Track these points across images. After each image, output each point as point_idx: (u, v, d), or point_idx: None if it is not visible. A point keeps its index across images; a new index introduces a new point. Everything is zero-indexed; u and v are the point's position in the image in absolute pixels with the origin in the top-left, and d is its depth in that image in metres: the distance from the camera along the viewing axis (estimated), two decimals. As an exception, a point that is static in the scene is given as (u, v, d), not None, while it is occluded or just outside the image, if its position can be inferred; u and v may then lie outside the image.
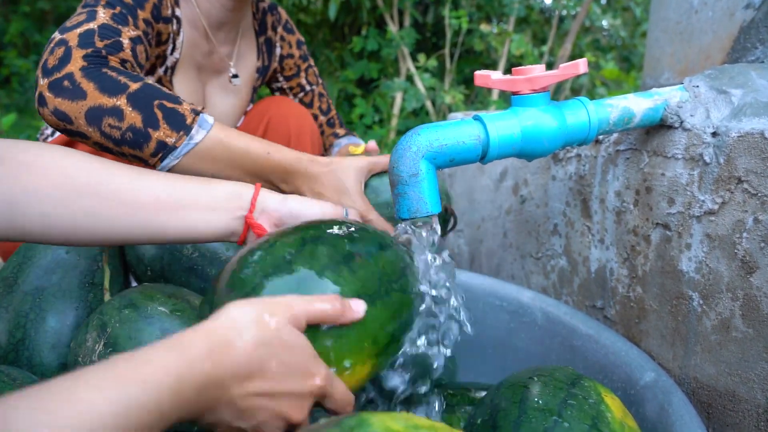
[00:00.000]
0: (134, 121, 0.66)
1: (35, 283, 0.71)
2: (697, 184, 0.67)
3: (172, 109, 0.67)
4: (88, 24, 0.73)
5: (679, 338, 0.71)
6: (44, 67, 0.69)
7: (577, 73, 0.62)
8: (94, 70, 0.68)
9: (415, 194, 0.61)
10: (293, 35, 1.20)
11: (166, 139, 0.67)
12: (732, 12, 0.85)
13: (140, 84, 0.68)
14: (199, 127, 0.68)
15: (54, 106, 0.66)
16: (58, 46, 0.70)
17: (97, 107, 0.66)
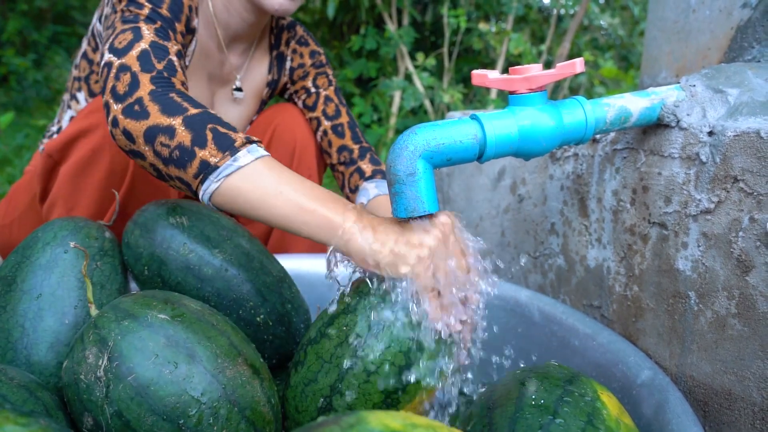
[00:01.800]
0: (184, 139, 0.65)
1: (33, 282, 0.71)
2: (693, 183, 0.67)
3: (224, 133, 0.66)
4: (139, 44, 0.74)
5: (675, 337, 0.71)
6: (114, 93, 0.70)
7: (574, 73, 0.62)
8: (161, 94, 0.69)
9: (412, 193, 0.61)
10: (307, 47, 1.16)
11: (210, 158, 0.64)
12: (729, 11, 0.85)
13: (200, 110, 0.68)
14: (248, 152, 0.65)
15: (123, 126, 0.68)
16: (122, 71, 0.71)
17: (154, 126, 0.66)
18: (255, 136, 1.14)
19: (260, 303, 0.79)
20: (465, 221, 0.71)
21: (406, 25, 3.02)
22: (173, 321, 0.58)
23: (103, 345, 0.56)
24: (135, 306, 0.60)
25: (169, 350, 0.56)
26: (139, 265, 0.78)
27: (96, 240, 0.78)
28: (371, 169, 1.07)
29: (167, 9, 0.81)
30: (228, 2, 0.97)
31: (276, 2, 0.93)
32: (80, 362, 0.57)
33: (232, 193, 0.64)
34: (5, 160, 3.03)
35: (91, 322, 0.59)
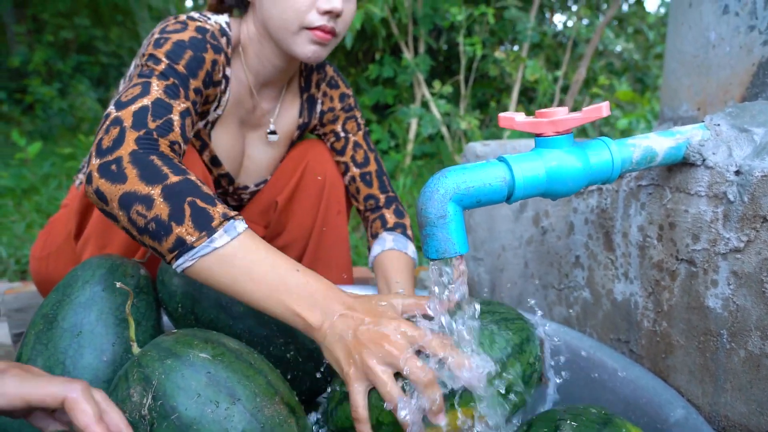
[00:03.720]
0: (161, 212, 0.65)
1: (73, 320, 0.73)
2: (721, 221, 0.67)
3: (202, 208, 0.65)
4: (143, 100, 0.75)
5: (708, 375, 0.71)
6: (98, 147, 0.70)
7: (600, 117, 0.63)
8: (143, 156, 0.68)
9: (443, 235, 0.62)
10: (337, 90, 1.16)
11: (186, 236, 0.64)
12: (750, 48, 0.86)
13: (180, 178, 0.67)
14: (225, 231, 0.65)
15: (97, 186, 0.68)
16: (113, 125, 0.72)
17: (131, 193, 0.66)
18: (286, 173, 1.17)
19: (290, 340, 0.80)
20: (487, 250, 0.73)
21: (422, 53, 3.07)
22: (214, 360, 0.60)
23: (148, 384, 0.58)
24: (177, 345, 0.61)
25: (210, 389, 0.57)
26: (173, 302, 0.80)
27: (132, 278, 0.80)
28: (393, 221, 1.09)
29: (184, 66, 0.83)
30: (259, 50, 0.99)
31: (309, 50, 0.93)
32: (125, 400, 0.58)
33: (205, 273, 0.65)
34: (33, 188, 3.11)
35: (135, 361, 0.61)
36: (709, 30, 0.95)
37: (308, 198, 1.13)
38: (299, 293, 0.64)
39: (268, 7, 0.92)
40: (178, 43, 0.84)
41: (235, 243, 0.65)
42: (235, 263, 0.64)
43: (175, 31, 0.86)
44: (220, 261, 0.65)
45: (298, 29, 0.91)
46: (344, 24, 0.95)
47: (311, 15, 0.90)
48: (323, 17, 0.90)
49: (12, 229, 2.48)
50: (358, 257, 2.22)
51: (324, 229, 1.15)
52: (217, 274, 0.65)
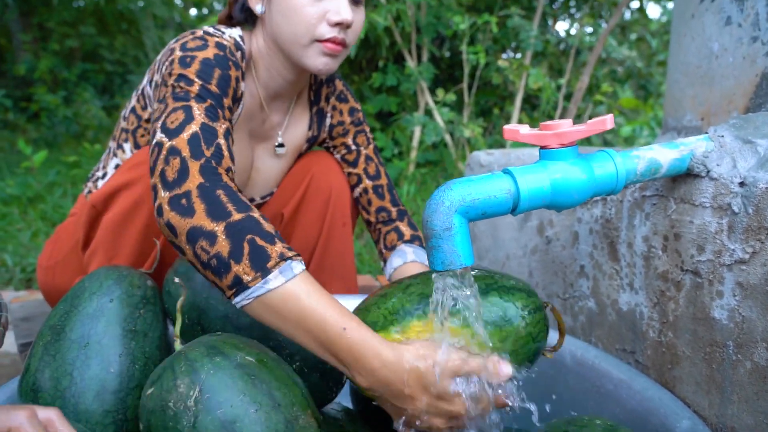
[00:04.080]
0: (222, 249, 0.66)
1: (81, 331, 0.74)
2: (726, 233, 0.67)
3: (260, 247, 0.66)
4: (190, 126, 0.76)
5: (714, 386, 0.71)
6: (163, 178, 0.71)
7: (605, 129, 0.64)
8: (209, 191, 0.70)
9: (449, 247, 0.63)
10: (346, 104, 1.17)
11: (243, 276, 0.65)
12: (753, 59, 0.86)
13: (243, 215, 0.68)
14: (280, 273, 0.65)
15: (168, 219, 0.69)
16: (172, 155, 0.73)
17: (198, 227, 0.67)
18: (291, 186, 1.17)
19: (296, 350, 0.80)
20: (491, 259, 0.74)
21: (425, 62, 3.08)
22: (258, 364, 0.62)
23: (196, 377, 0.59)
24: (225, 345, 0.64)
25: (255, 391, 0.59)
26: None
27: (139, 288, 0.81)
28: (410, 234, 1.09)
29: (216, 85, 0.83)
30: (269, 63, 0.99)
31: (320, 62, 0.93)
32: (170, 390, 0.59)
33: (261, 313, 0.67)
34: (38, 197, 3.13)
35: (182, 354, 0.63)
36: (711, 41, 0.95)
37: (313, 210, 1.13)
38: (345, 355, 0.64)
39: (278, 20, 0.93)
40: (205, 61, 0.84)
41: (288, 286, 0.65)
42: (287, 308, 0.65)
43: (198, 48, 0.86)
44: (273, 303, 0.65)
45: (309, 42, 0.92)
46: (354, 35, 0.96)
47: (322, 27, 0.91)
48: (334, 29, 0.91)
49: (18, 237, 2.49)
50: (361, 265, 2.22)
51: (329, 240, 1.15)
52: (272, 316, 0.66)
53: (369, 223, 1.16)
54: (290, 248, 0.69)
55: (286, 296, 0.65)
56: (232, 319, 0.79)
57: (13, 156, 4.59)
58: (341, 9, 0.90)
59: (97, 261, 0.96)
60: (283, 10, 0.91)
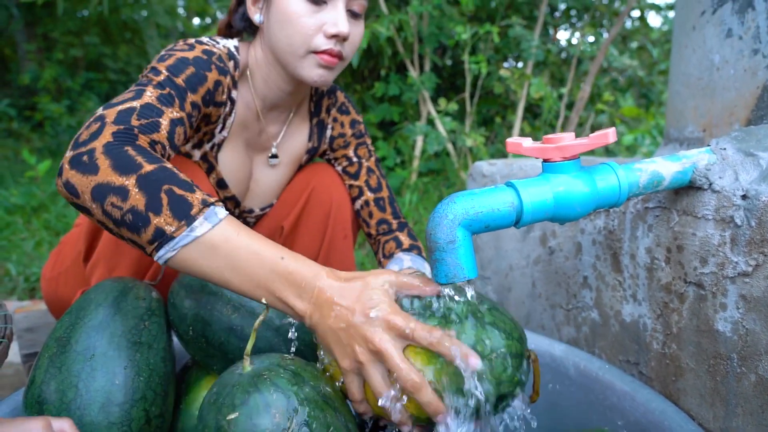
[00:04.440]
0: (137, 203, 0.62)
1: (86, 343, 0.74)
2: (729, 245, 0.68)
3: (180, 196, 0.63)
4: (132, 102, 0.74)
5: (719, 399, 0.71)
6: (75, 141, 0.69)
7: (607, 143, 0.64)
8: (117, 147, 0.66)
9: (453, 260, 0.63)
10: (347, 116, 1.17)
11: (165, 227, 0.62)
12: (754, 71, 0.87)
13: (155, 166, 0.65)
14: (205, 219, 0.63)
15: (67, 178, 0.65)
16: (95, 121, 0.71)
17: (104, 184, 0.63)
18: (292, 198, 1.16)
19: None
20: (494, 269, 0.73)
21: (427, 71, 3.10)
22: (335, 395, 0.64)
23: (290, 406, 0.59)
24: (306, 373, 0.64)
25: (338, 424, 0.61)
26: (184, 325, 0.81)
27: (144, 300, 0.81)
28: (409, 243, 1.10)
29: (184, 79, 0.83)
30: (266, 74, 0.99)
31: (315, 73, 0.93)
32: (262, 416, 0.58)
33: (189, 263, 0.64)
34: (42, 206, 3.14)
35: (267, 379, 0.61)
36: (713, 53, 0.96)
37: (314, 223, 1.13)
38: (285, 282, 0.62)
39: (275, 31, 0.93)
40: (181, 59, 0.85)
41: (216, 230, 0.63)
42: (218, 252, 0.63)
43: (181, 50, 0.88)
44: (202, 250, 0.63)
45: (305, 53, 0.92)
46: (352, 47, 0.96)
47: (318, 39, 0.91)
48: (330, 41, 0.91)
49: (21, 246, 2.50)
50: (364, 274, 2.22)
51: (330, 253, 1.14)
52: (201, 264, 0.64)
53: (369, 235, 1.16)
54: (209, 194, 0.67)
55: (214, 241, 0.62)
56: (236, 330, 0.79)
57: (17, 165, 4.61)
58: (338, 21, 0.90)
59: (99, 273, 0.96)
60: (280, 21, 0.91)
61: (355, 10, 0.94)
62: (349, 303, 0.61)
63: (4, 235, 2.67)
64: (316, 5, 0.90)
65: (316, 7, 0.90)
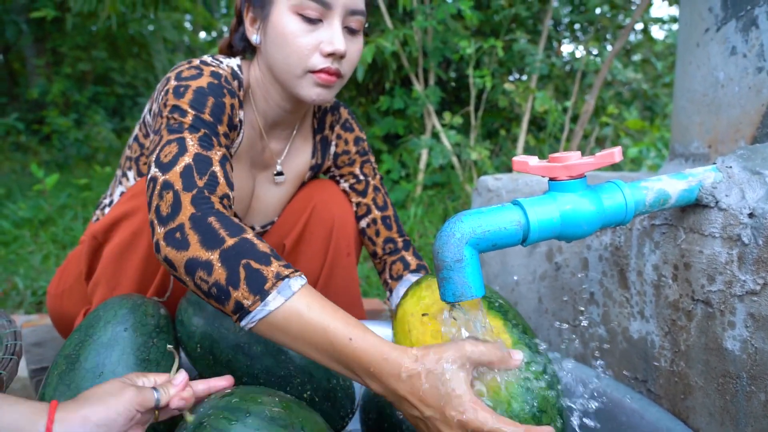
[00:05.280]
0: (220, 277, 0.67)
1: (95, 360, 0.75)
2: (736, 263, 0.68)
3: (256, 270, 0.67)
4: (183, 158, 0.77)
5: (728, 418, 0.70)
6: (158, 214, 0.73)
7: (613, 162, 0.64)
8: (201, 221, 0.71)
9: (460, 279, 0.63)
10: (351, 133, 1.17)
11: (243, 300, 0.66)
12: (759, 89, 0.87)
13: (236, 240, 0.69)
14: (278, 293, 0.65)
15: (165, 254, 0.71)
16: (165, 189, 0.74)
17: (194, 259, 0.68)
18: (293, 216, 1.15)
19: (307, 379, 0.81)
20: (500, 284, 0.74)
21: (432, 85, 3.12)
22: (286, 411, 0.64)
23: None
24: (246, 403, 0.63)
25: None
26: (192, 342, 0.81)
27: (152, 317, 0.82)
28: (416, 263, 1.10)
29: (210, 113, 0.84)
30: (266, 92, 0.99)
31: (313, 92, 0.92)
32: None
33: (268, 333, 0.67)
34: (49, 219, 3.17)
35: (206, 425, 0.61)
36: (717, 70, 0.96)
37: (316, 241, 1.12)
38: (355, 364, 0.64)
39: (272, 52, 0.92)
40: (198, 90, 0.85)
41: (287, 305, 0.65)
42: (291, 326, 0.65)
43: (192, 78, 0.87)
44: (277, 323, 0.66)
45: (303, 73, 0.91)
46: (350, 64, 0.95)
47: (314, 58, 0.90)
48: (327, 59, 0.90)
49: (29, 260, 2.52)
50: (369, 288, 2.22)
51: (333, 271, 1.14)
52: (278, 336, 0.67)
53: (375, 254, 1.15)
54: (288, 265, 0.69)
55: (287, 315, 0.65)
56: (243, 347, 0.80)
57: (25, 178, 4.65)
58: (334, 39, 0.89)
59: (101, 291, 0.96)
60: (277, 41, 0.91)
61: (352, 27, 0.93)
62: (425, 397, 0.60)
63: (11, 249, 2.69)
64: (312, 24, 0.89)
65: (312, 26, 0.89)
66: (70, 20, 5.14)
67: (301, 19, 0.89)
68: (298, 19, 0.89)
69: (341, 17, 0.90)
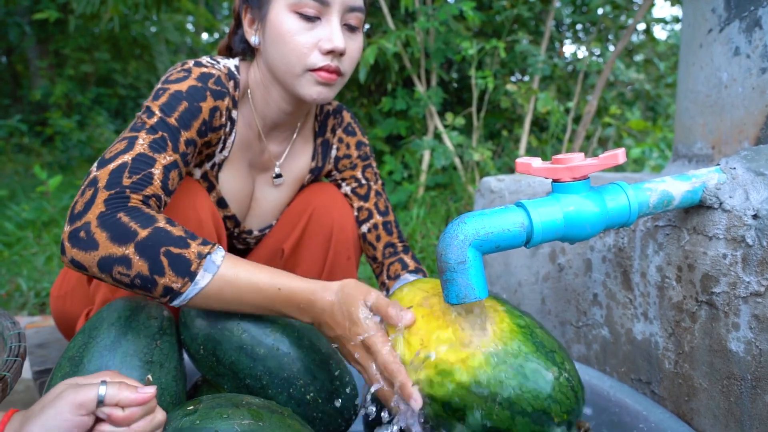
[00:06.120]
0: (141, 269, 0.69)
1: (99, 363, 0.74)
2: (740, 265, 0.67)
3: (178, 255, 0.70)
4: (124, 156, 0.77)
5: (733, 420, 0.70)
6: (72, 211, 0.72)
7: (617, 164, 0.64)
8: (110, 217, 0.71)
9: (463, 280, 0.63)
10: (354, 137, 1.16)
11: (172, 284, 0.70)
12: (762, 90, 0.87)
13: (150, 230, 0.70)
14: (205, 271, 0.71)
15: (71, 256, 0.70)
16: (89, 186, 0.74)
17: (107, 257, 0.69)
18: (291, 220, 1.14)
19: (310, 381, 0.81)
20: (503, 285, 0.74)
21: (434, 86, 3.12)
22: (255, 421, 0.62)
23: None
24: (211, 420, 0.61)
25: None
26: (195, 344, 0.81)
27: (155, 319, 0.82)
28: (414, 265, 1.11)
29: (176, 118, 0.84)
30: (266, 93, 0.98)
31: (314, 91, 0.91)
32: None
33: (201, 306, 0.74)
34: (52, 221, 3.17)
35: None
36: (720, 71, 0.96)
37: (315, 245, 1.12)
38: (287, 306, 0.74)
39: (272, 51, 0.92)
40: (174, 95, 0.85)
41: (217, 278, 0.72)
42: (224, 294, 0.73)
43: (176, 81, 0.87)
44: (210, 296, 0.72)
45: (302, 71, 0.91)
46: (350, 62, 0.94)
47: (314, 56, 0.89)
48: (326, 57, 0.90)
49: (32, 261, 2.52)
50: (372, 289, 2.21)
51: (332, 275, 1.13)
52: (213, 305, 0.74)
53: (374, 259, 1.14)
54: (204, 241, 0.73)
55: (218, 286, 0.72)
56: (246, 349, 0.80)
57: (28, 180, 4.67)
58: (333, 37, 0.88)
59: (102, 293, 0.96)
60: (275, 40, 0.90)
61: (351, 24, 0.92)
62: (339, 319, 0.72)
63: (15, 251, 2.69)
64: (310, 22, 0.89)
65: (310, 24, 0.89)
66: (73, 22, 5.15)
67: (299, 17, 0.89)
68: (296, 17, 0.89)
69: (340, 14, 0.89)
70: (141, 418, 0.54)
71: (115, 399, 0.53)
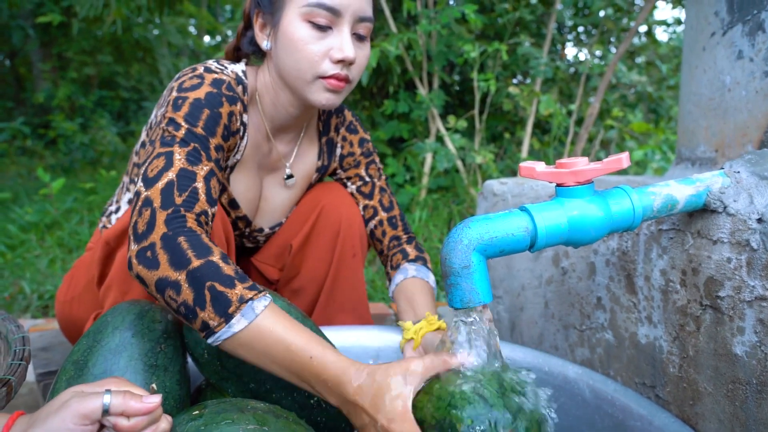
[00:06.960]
0: (187, 298, 0.72)
1: (103, 366, 0.75)
2: (745, 269, 0.67)
3: (221, 293, 0.71)
4: (167, 173, 0.80)
5: (738, 424, 0.70)
6: (134, 231, 0.76)
7: (621, 168, 0.64)
8: (171, 240, 0.74)
9: (468, 285, 0.63)
10: (356, 135, 1.19)
11: (210, 321, 0.71)
12: (766, 93, 0.87)
13: (202, 261, 0.73)
14: (242, 315, 0.71)
15: (137, 272, 0.75)
16: (144, 206, 0.78)
17: (164, 278, 0.73)
18: (300, 217, 1.16)
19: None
20: (505, 289, 0.74)
21: (436, 89, 3.12)
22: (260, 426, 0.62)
23: None
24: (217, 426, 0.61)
25: None
26: (199, 348, 0.81)
27: (160, 323, 0.82)
28: (415, 254, 1.12)
29: (203, 127, 0.86)
30: (275, 97, 1.00)
31: (323, 97, 0.94)
32: None
33: (233, 352, 0.73)
34: (55, 223, 3.18)
35: None
36: (724, 74, 0.96)
37: (323, 242, 1.14)
38: (315, 380, 0.71)
39: (283, 57, 0.94)
40: (194, 103, 0.87)
41: (251, 327, 0.71)
42: (255, 346, 0.71)
43: (192, 88, 0.89)
44: (241, 344, 0.72)
45: (313, 78, 0.93)
46: (358, 70, 0.96)
47: (325, 64, 0.92)
48: (336, 66, 0.92)
49: (35, 264, 2.53)
50: (374, 292, 2.22)
51: (339, 272, 1.14)
52: (244, 354, 0.73)
53: (381, 252, 1.17)
54: (252, 286, 0.73)
55: (251, 335, 0.71)
56: (251, 353, 0.80)
57: (31, 182, 4.68)
58: (344, 46, 0.91)
59: (112, 296, 0.97)
60: (287, 47, 0.92)
61: (360, 33, 0.94)
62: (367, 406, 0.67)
63: (18, 253, 2.70)
64: (322, 31, 0.91)
65: (322, 33, 0.91)
66: (76, 25, 5.17)
67: (311, 26, 0.91)
68: (308, 26, 0.91)
69: (350, 24, 0.92)
70: (146, 427, 0.54)
71: (120, 409, 0.53)
